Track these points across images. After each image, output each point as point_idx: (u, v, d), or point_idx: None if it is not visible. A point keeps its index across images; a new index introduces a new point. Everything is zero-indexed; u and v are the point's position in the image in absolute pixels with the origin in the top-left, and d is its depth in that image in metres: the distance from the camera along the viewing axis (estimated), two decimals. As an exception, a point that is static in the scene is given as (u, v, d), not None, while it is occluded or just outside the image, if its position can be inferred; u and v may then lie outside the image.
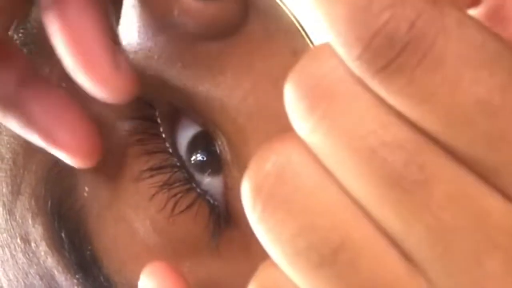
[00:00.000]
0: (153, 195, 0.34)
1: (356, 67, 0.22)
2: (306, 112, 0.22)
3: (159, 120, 0.35)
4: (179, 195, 0.34)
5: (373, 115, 0.22)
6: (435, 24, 0.21)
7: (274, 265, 0.24)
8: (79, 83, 0.31)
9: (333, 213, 0.23)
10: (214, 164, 0.34)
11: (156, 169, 0.34)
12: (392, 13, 0.21)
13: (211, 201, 0.34)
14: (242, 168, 0.33)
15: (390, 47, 0.21)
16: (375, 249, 0.22)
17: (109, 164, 0.35)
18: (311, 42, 0.27)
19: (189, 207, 0.34)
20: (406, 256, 0.23)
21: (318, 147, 0.23)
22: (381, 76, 0.21)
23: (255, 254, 0.34)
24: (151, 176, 0.34)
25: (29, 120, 0.32)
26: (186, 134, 0.35)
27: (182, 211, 0.34)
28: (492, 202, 0.22)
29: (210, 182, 0.35)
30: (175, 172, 0.34)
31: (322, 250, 0.22)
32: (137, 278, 0.34)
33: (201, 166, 0.35)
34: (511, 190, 0.22)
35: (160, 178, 0.34)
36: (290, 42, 0.32)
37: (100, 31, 0.31)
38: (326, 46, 0.22)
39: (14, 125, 0.33)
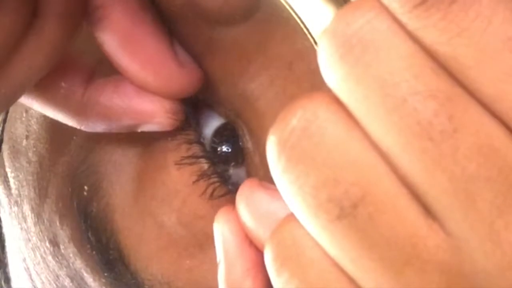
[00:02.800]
0: (194, 182, 0.34)
1: (395, 2, 0.22)
2: (340, 59, 0.23)
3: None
4: (217, 183, 0.34)
5: (408, 64, 0.22)
6: None
7: (292, 220, 0.24)
8: (145, 86, 0.32)
9: (356, 167, 0.23)
10: (238, 155, 0.34)
11: (196, 157, 0.34)
12: None
13: None
14: (262, 154, 0.33)
15: None
16: (396, 204, 0.23)
17: (132, 159, 0.35)
18: (312, 38, 0.26)
19: (225, 194, 0.34)
20: (427, 210, 0.23)
21: (347, 96, 0.23)
22: (418, 10, 0.22)
23: None
24: (191, 164, 0.34)
25: (110, 111, 0.33)
26: (209, 128, 0.35)
27: (221, 196, 0.34)
28: None
29: (235, 173, 0.34)
30: (211, 164, 0.34)
31: (342, 203, 0.23)
32: (163, 274, 0.34)
33: (226, 158, 0.34)
34: None
35: (199, 167, 0.34)
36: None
37: (157, 33, 0.32)
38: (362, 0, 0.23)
39: (97, 124, 0.33)
